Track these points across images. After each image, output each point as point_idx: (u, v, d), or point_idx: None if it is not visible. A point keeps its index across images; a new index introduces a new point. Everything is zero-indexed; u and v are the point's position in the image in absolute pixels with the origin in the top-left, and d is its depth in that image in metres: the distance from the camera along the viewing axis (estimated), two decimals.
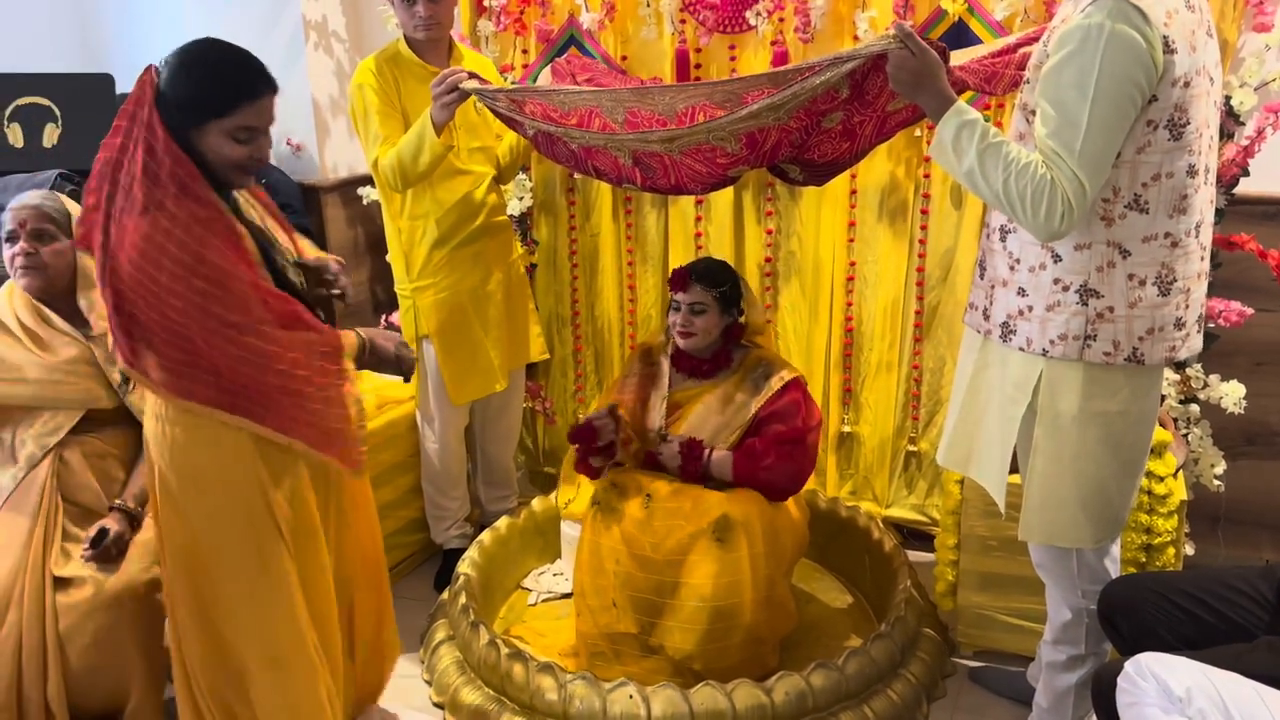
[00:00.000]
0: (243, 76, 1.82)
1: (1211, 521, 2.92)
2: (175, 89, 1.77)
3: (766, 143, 2.04)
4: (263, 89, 1.83)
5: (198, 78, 1.78)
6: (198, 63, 1.79)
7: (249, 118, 1.82)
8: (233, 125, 1.80)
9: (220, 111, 1.79)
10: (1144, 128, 1.69)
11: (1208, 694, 1.52)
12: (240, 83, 1.81)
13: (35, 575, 2.12)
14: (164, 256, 1.73)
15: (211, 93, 1.78)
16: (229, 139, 1.81)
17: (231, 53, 1.83)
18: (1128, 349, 1.79)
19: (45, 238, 2.27)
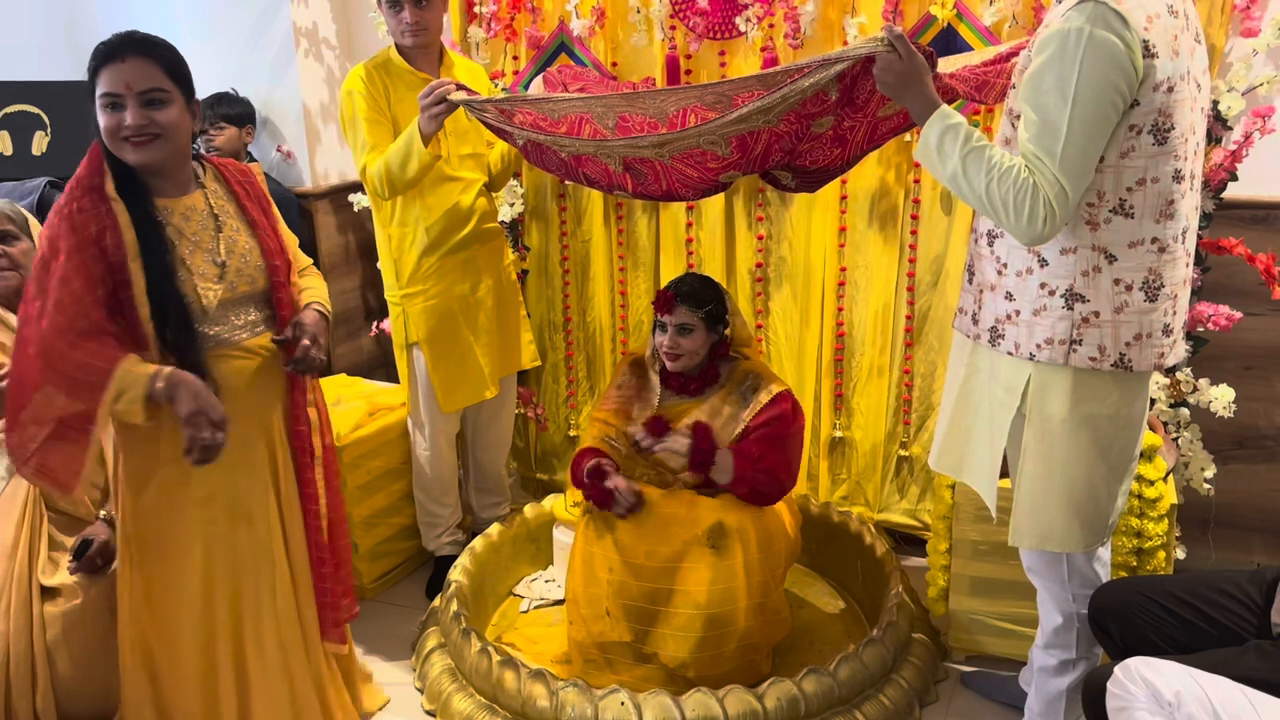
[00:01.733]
0: (107, 45, 1.84)
1: (1202, 525, 2.93)
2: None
3: (757, 146, 2.04)
4: (122, 52, 1.83)
5: (90, 62, 1.86)
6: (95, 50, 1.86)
7: (108, 82, 1.83)
8: (100, 93, 1.85)
9: (92, 83, 1.85)
10: (1127, 132, 1.69)
11: (1197, 698, 1.52)
12: (103, 50, 1.85)
13: (22, 585, 2.11)
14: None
15: (89, 67, 1.86)
16: (103, 111, 1.85)
17: (115, 35, 1.86)
18: (1114, 354, 1.79)
19: (9, 239, 2.26)
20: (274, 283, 2.03)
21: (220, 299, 1.95)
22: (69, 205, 1.83)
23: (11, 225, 2.26)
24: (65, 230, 1.81)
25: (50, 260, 1.82)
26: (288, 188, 3.47)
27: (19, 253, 2.26)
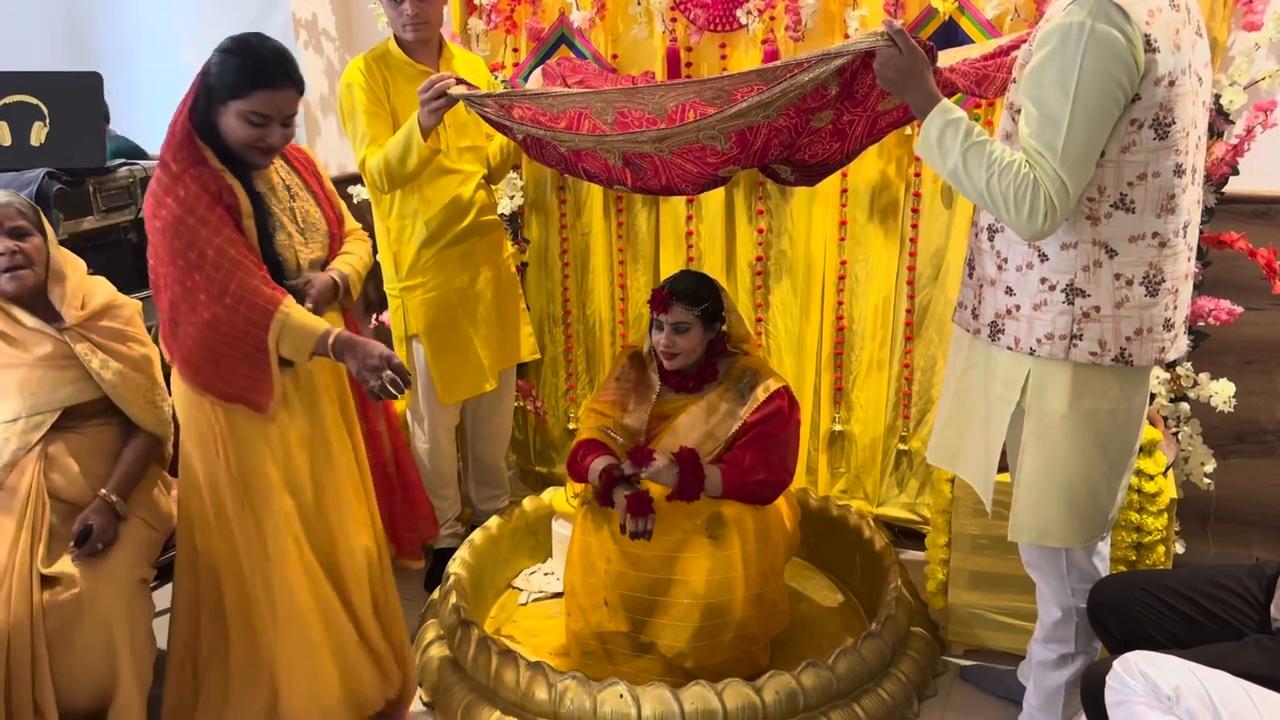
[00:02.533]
0: (265, 66, 1.98)
1: (1201, 520, 2.93)
2: (214, 69, 1.99)
3: (757, 141, 2.04)
4: (280, 82, 1.99)
5: (228, 61, 1.98)
6: (236, 49, 1.98)
7: (261, 104, 1.98)
8: (246, 108, 1.97)
9: (237, 94, 1.97)
10: (1128, 127, 1.69)
11: (1196, 692, 1.52)
12: (261, 71, 1.97)
13: (23, 575, 2.10)
14: (156, 200, 1.99)
15: (234, 75, 1.97)
16: (243, 121, 1.98)
17: (267, 46, 2.00)
18: (1115, 349, 1.79)
19: (23, 235, 2.25)
20: (332, 251, 2.26)
21: (306, 259, 2.16)
22: (185, 172, 1.98)
23: (25, 221, 2.25)
24: (195, 190, 1.97)
25: (188, 218, 1.97)
26: None
27: (33, 249, 2.25)
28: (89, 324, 2.31)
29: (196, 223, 1.97)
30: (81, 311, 2.30)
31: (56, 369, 2.27)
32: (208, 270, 1.97)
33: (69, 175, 2.64)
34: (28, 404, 2.24)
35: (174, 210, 1.97)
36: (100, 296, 2.36)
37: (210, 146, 2.02)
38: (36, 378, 2.25)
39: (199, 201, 1.97)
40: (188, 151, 2.00)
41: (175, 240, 1.98)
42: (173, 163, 1.99)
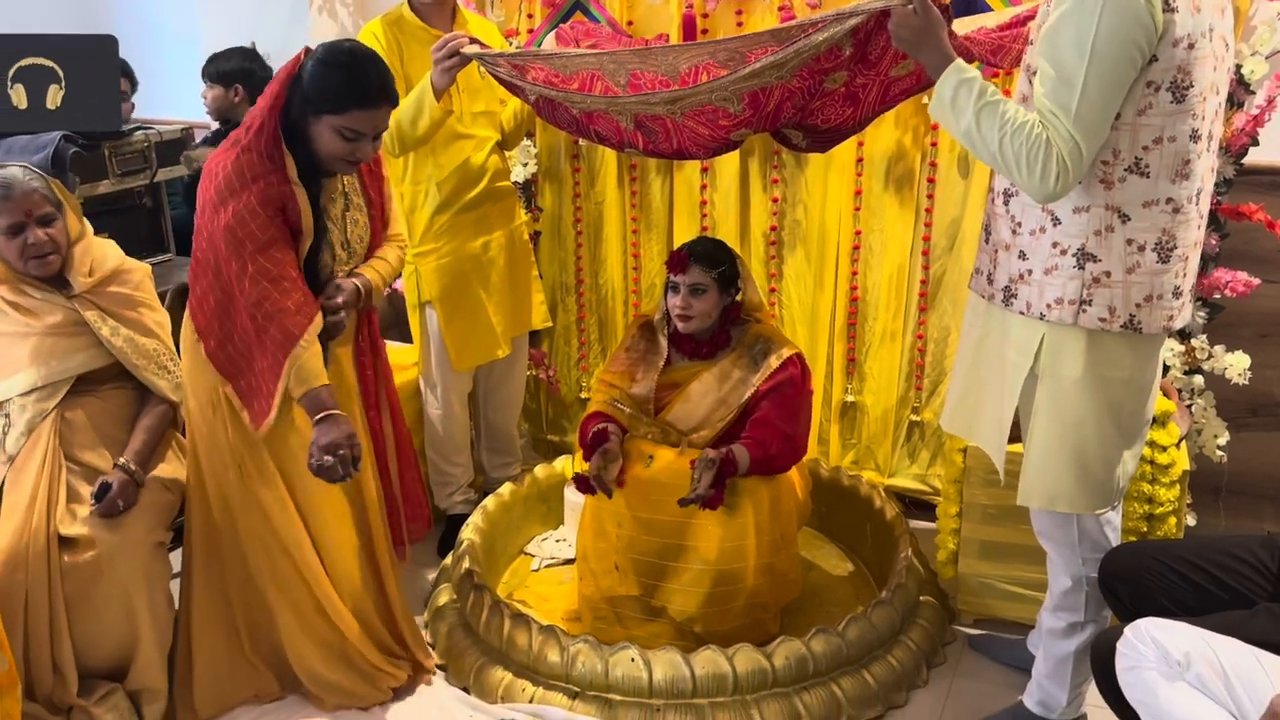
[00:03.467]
0: (362, 83, 2.01)
1: (1214, 492, 2.92)
2: (309, 78, 2.00)
3: (769, 103, 2.03)
4: (379, 100, 2.03)
5: (327, 75, 1.99)
6: (334, 62, 2.00)
7: (357, 121, 2.01)
8: (341, 123, 2.00)
9: (335, 109, 1.99)
10: (1145, 89, 1.67)
11: (1207, 659, 1.53)
12: (360, 89, 2.00)
13: (40, 536, 2.12)
14: (218, 193, 2.02)
15: (334, 91, 1.99)
16: (336, 134, 2.01)
17: (366, 61, 2.03)
18: (1124, 315, 1.79)
19: (51, 221, 2.25)
20: (366, 258, 2.30)
21: (339, 273, 2.22)
22: (256, 181, 2.00)
23: (50, 207, 2.25)
24: (255, 205, 2.00)
25: (239, 230, 2.01)
26: None
27: (59, 232, 2.27)
28: (97, 291, 2.32)
29: (245, 237, 2.01)
30: (90, 279, 2.31)
31: (68, 337, 2.29)
32: (246, 282, 2.03)
33: (85, 139, 2.65)
34: (41, 373, 2.25)
35: (227, 218, 2.01)
36: (109, 262, 2.37)
37: (293, 152, 2.04)
38: (48, 346, 2.26)
39: (254, 218, 2.00)
40: (268, 157, 2.01)
41: (224, 244, 2.03)
42: (248, 169, 2.00)
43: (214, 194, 2.03)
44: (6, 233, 2.21)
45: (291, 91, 2.01)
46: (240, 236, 2.00)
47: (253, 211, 2.00)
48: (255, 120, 2.02)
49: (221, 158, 2.04)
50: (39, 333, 2.26)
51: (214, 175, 2.04)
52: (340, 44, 2.05)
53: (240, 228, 2.00)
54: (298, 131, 2.03)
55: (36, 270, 2.24)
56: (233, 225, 2.00)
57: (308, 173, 2.07)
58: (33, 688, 2.12)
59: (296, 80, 2.01)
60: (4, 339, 2.25)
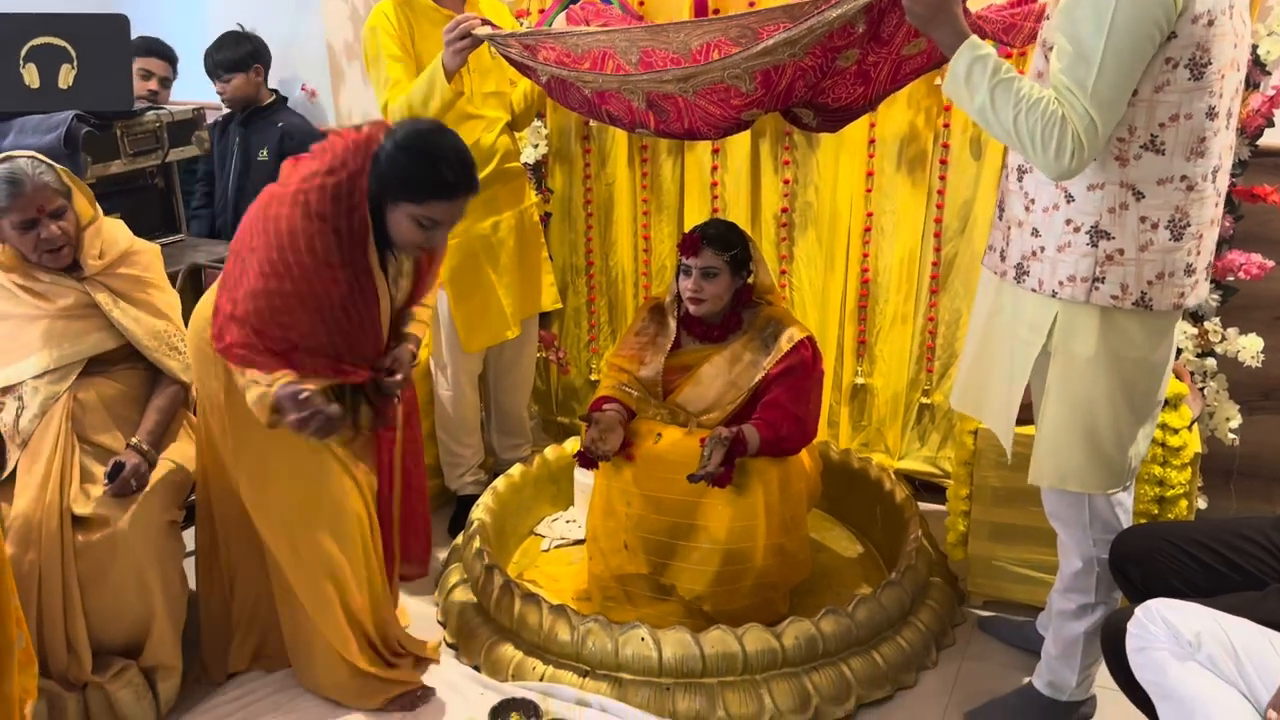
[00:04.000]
0: (447, 178, 1.95)
1: (1225, 475, 2.92)
2: (389, 163, 1.93)
3: (781, 82, 2.02)
4: (461, 193, 1.98)
5: (408, 163, 1.93)
6: (415, 149, 1.93)
7: (437, 212, 1.98)
8: (421, 213, 1.96)
9: (415, 199, 1.95)
10: (1163, 65, 1.66)
11: (1218, 639, 1.53)
12: (442, 182, 1.95)
13: (53, 515, 2.14)
14: (291, 249, 1.93)
15: (414, 181, 1.94)
16: (413, 222, 1.97)
17: (448, 149, 1.96)
18: (1136, 293, 1.78)
19: (61, 214, 2.25)
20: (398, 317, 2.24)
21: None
22: (339, 254, 1.95)
23: (61, 199, 2.25)
24: (323, 263, 1.94)
25: (295, 271, 1.94)
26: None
27: (70, 223, 2.27)
28: (108, 273, 2.33)
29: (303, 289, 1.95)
30: (100, 261, 2.32)
31: (79, 319, 2.30)
32: (285, 316, 1.97)
33: (97, 118, 2.65)
34: (54, 356, 2.26)
35: (295, 264, 1.93)
36: (119, 244, 2.37)
37: (375, 230, 1.99)
38: (60, 329, 2.27)
39: (318, 276, 1.95)
40: (355, 242, 1.96)
41: (282, 282, 1.94)
42: (332, 249, 1.93)
43: (285, 228, 1.93)
44: (20, 228, 2.21)
45: (372, 170, 1.94)
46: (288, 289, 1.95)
47: (314, 271, 1.94)
48: (344, 174, 1.93)
49: (291, 217, 1.92)
50: (50, 315, 2.27)
51: (280, 233, 1.93)
52: (421, 128, 1.98)
53: (304, 284, 1.95)
54: (377, 211, 1.98)
55: (50, 263, 2.26)
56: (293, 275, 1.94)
57: (381, 247, 2.03)
58: (47, 664, 2.14)
59: (374, 157, 1.94)
60: (16, 322, 2.26)
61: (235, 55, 3.30)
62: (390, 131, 1.97)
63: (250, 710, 2.30)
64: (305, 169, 1.95)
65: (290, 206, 1.92)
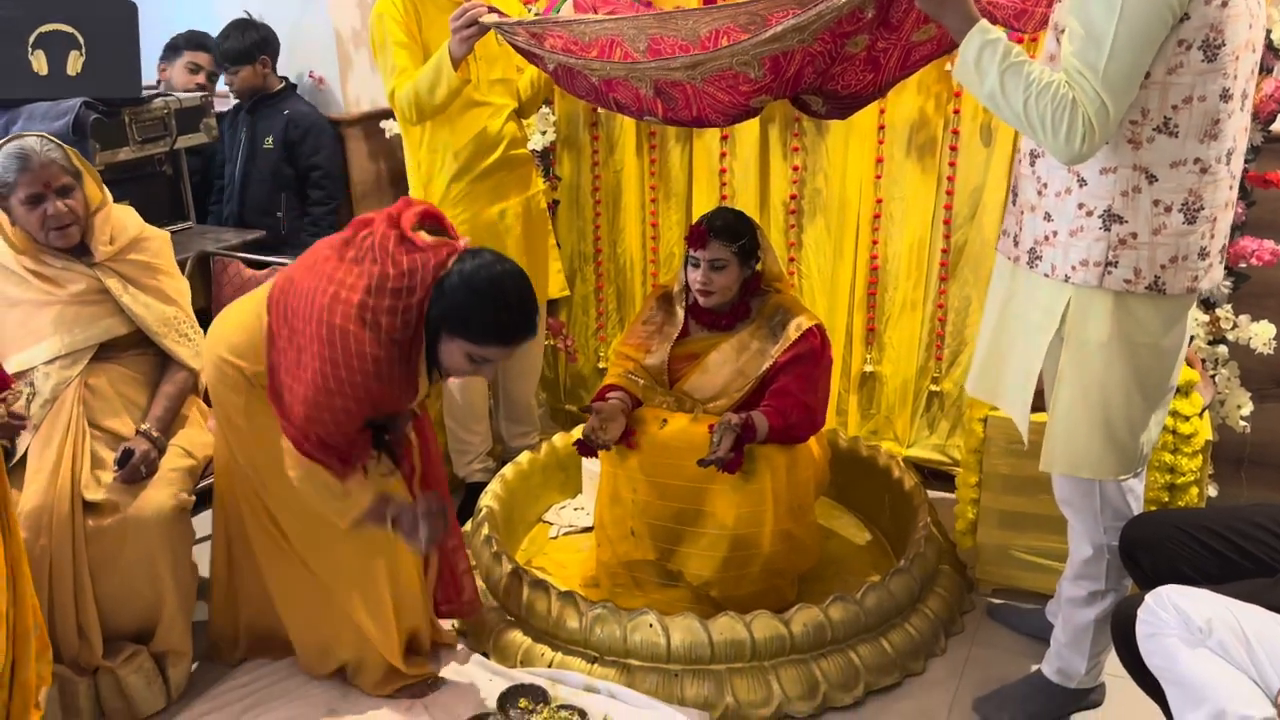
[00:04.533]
0: (508, 324, 1.95)
1: (1236, 463, 2.90)
2: (452, 297, 1.91)
3: (790, 68, 2.01)
4: (519, 339, 1.98)
5: (473, 304, 1.91)
6: (483, 292, 1.91)
7: (492, 353, 1.98)
8: (476, 351, 1.96)
9: (475, 338, 1.94)
10: (1176, 47, 1.65)
11: (1229, 625, 1.52)
12: (503, 328, 1.95)
13: (64, 500, 2.15)
14: (361, 371, 1.93)
15: (476, 322, 1.93)
16: (466, 357, 1.97)
17: (515, 297, 1.94)
18: (1149, 277, 1.77)
19: (69, 192, 2.26)
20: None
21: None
22: (390, 367, 1.95)
23: (69, 177, 2.26)
24: (386, 381, 1.95)
25: (356, 388, 1.94)
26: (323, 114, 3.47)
27: (78, 203, 2.27)
28: (118, 259, 2.34)
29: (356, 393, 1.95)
30: (110, 247, 2.32)
31: (90, 305, 2.30)
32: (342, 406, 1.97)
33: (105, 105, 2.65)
34: (65, 341, 2.27)
35: (362, 384, 1.93)
36: (129, 230, 2.38)
37: (428, 343, 1.98)
38: (71, 314, 2.28)
39: (377, 390, 1.95)
40: (410, 369, 1.97)
41: (332, 383, 1.94)
42: (385, 367, 1.93)
43: (345, 339, 1.91)
44: (26, 203, 2.22)
45: (433, 297, 1.92)
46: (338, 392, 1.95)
47: (366, 385, 1.95)
48: (403, 310, 1.91)
49: (360, 337, 1.90)
50: (62, 301, 2.27)
51: (348, 351, 1.91)
52: (492, 268, 1.93)
53: (361, 393, 1.95)
54: (431, 335, 1.97)
55: (57, 241, 2.26)
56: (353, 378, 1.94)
57: (431, 359, 2.02)
58: (59, 650, 2.15)
59: (439, 286, 1.92)
60: (27, 308, 2.27)
61: (241, 46, 3.30)
62: (460, 259, 1.94)
63: (260, 695, 2.30)
64: (369, 275, 1.91)
65: (358, 325, 1.89)
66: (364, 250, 1.93)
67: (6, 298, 2.28)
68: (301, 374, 1.96)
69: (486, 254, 1.97)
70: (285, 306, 2.00)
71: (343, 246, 1.96)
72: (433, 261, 1.92)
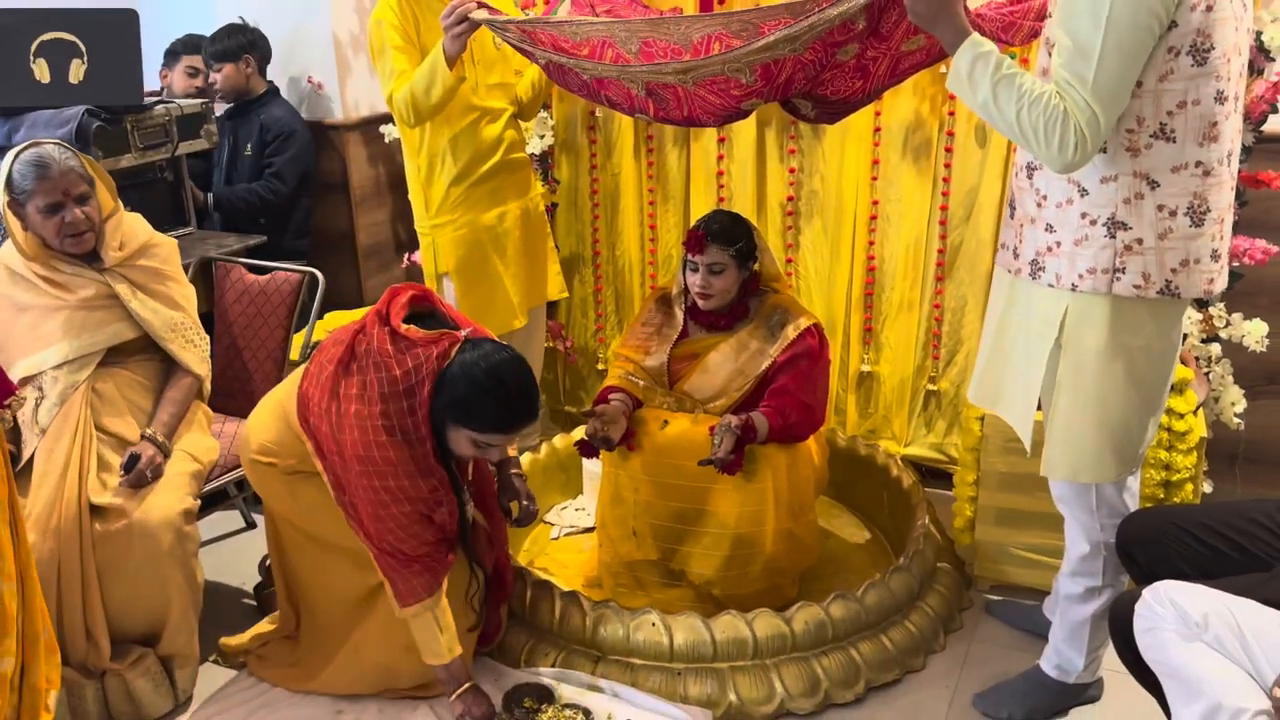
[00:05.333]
0: (509, 415, 2.01)
1: (1230, 460, 2.94)
2: (454, 388, 1.97)
3: (781, 75, 2.03)
4: (520, 428, 2.05)
5: (475, 397, 1.97)
6: (485, 386, 1.96)
7: (495, 440, 2.03)
8: (480, 439, 2.01)
9: (478, 428, 1.99)
10: (1165, 54, 1.67)
11: (1225, 620, 1.55)
12: (503, 419, 2.01)
13: (71, 504, 2.16)
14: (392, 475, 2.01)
15: (478, 412, 1.98)
16: (471, 443, 2.02)
17: (515, 388, 1.99)
18: (1160, 282, 1.79)
19: (85, 199, 2.28)
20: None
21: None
22: (425, 461, 2.02)
23: (85, 186, 2.28)
24: (417, 476, 2.02)
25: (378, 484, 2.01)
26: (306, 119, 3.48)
27: (93, 210, 2.30)
28: (128, 264, 2.36)
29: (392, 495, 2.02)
30: (120, 252, 2.35)
31: (99, 309, 2.32)
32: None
33: (107, 113, 2.67)
34: (73, 346, 2.29)
35: (397, 474, 2.00)
36: (139, 237, 2.41)
37: (435, 433, 2.03)
38: (80, 319, 2.30)
39: (400, 487, 2.01)
40: (425, 469, 2.02)
41: (373, 484, 2.01)
42: (400, 464, 1.99)
43: (363, 434, 1.99)
44: (45, 211, 2.24)
45: (438, 389, 1.98)
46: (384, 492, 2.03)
47: (393, 479, 2.01)
48: (408, 386, 1.97)
49: (359, 430, 1.98)
50: (71, 306, 2.29)
51: (374, 460, 1.99)
52: (491, 359, 1.98)
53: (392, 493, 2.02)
54: (438, 423, 2.01)
55: (72, 248, 2.28)
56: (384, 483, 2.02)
57: (440, 451, 2.07)
58: (66, 653, 2.16)
59: (441, 379, 1.97)
60: (37, 313, 2.29)
61: (227, 45, 3.32)
62: (462, 349, 1.99)
63: (266, 696, 2.32)
64: (379, 383, 1.97)
65: (384, 434, 1.97)
66: (365, 361, 2.00)
67: (16, 303, 2.30)
68: (356, 495, 2.05)
69: (486, 344, 2.02)
70: (309, 424, 2.09)
71: (347, 358, 2.02)
72: (435, 353, 1.98)
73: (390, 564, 2.08)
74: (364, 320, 2.06)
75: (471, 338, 2.02)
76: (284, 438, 2.16)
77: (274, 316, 2.74)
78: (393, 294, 2.07)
